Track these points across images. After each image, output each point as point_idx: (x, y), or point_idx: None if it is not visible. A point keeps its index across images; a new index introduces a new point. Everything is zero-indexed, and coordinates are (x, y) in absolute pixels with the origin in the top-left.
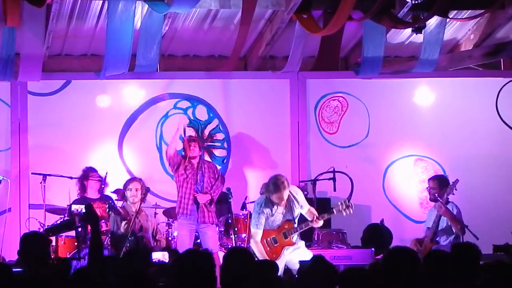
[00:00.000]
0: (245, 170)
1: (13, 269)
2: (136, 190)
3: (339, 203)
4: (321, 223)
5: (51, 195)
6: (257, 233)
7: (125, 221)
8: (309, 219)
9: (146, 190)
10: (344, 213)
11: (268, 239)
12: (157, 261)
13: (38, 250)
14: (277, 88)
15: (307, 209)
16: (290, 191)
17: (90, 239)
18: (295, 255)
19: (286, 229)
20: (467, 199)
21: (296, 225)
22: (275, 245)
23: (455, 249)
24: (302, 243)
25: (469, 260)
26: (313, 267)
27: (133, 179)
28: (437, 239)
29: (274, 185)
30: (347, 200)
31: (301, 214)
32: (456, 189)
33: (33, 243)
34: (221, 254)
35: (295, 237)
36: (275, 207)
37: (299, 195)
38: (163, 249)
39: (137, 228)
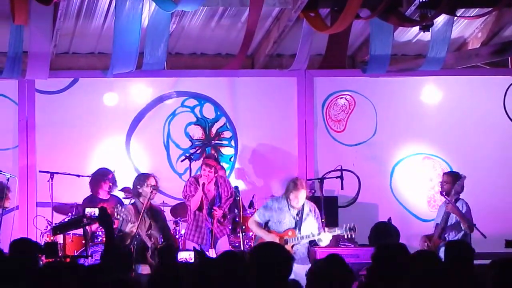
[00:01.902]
0: (252, 168)
1: None
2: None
3: (344, 225)
4: (325, 236)
5: (58, 193)
6: (255, 218)
7: (132, 224)
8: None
9: (154, 188)
10: (346, 236)
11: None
12: (183, 260)
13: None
14: (284, 86)
15: (317, 233)
16: (309, 204)
17: (105, 240)
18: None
19: (289, 236)
20: (474, 197)
21: (300, 235)
22: None
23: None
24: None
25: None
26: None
27: (150, 174)
28: (445, 235)
29: (293, 184)
30: (352, 224)
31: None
32: (463, 186)
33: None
34: None
35: (296, 246)
36: (290, 208)
37: (317, 213)
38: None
39: (147, 226)
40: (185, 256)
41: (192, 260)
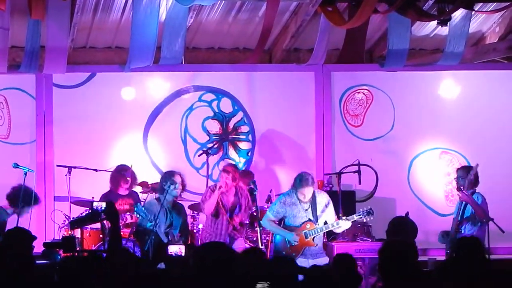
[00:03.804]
0: (270, 162)
1: (38, 261)
2: (180, 184)
3: (361, 209)
4: (345, 224)
5: (76, 187)
6: (269, 216)
7: (151, 223)
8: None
9: (179, 186)
10: (365, 220)
11: (288, 235)
12: (173, 254)
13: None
14: (301, 80)
15: (336, 223)
16: (317, 195)
17: (109, 235)
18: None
19: (307, 229)
20: (491, 191)
21: (318, 226)
22: (295, 244)
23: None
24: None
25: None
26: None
27: (176, 172)
28: (461, 228)
29: (299, 180)
30: (369, 207)
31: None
32: (478, 176)
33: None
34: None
35: (316, 238)
36: (300, 201)
37: (331, 203)
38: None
39: (167, 223)
40: (175, 250)
41: (183, 254)
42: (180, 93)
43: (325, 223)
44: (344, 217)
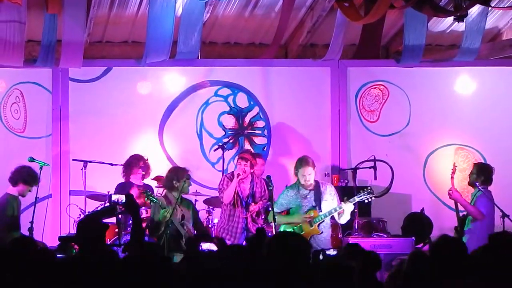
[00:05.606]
0: (285, 158)
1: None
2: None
3: (361, 191)
4: (347, 206)
5: (91, 181)
6: (274, 210)
7: (164, 209)
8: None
9: (187, 178)
10: (366, 200)
11: (295, 228)
12: (206, 250)
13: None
14: (317, 76)
15: (338, 207)
16: (320, 185)
17: (131, 226)
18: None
19: (311, 217)
20: (507, 188)
21: (322, 213)
22: (301, 233)
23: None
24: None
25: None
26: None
27: (187, 169)
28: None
29: (299, 162)
30: (369, 188)
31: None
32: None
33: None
34: None
35: (321, 226)
36: (302, 189)
37: (334, 190)
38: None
39: (179, 216)
40: (207, 247)
41: (215, 249)
42: (196, 88)
43: (329, 210)
44: (345, 198)
